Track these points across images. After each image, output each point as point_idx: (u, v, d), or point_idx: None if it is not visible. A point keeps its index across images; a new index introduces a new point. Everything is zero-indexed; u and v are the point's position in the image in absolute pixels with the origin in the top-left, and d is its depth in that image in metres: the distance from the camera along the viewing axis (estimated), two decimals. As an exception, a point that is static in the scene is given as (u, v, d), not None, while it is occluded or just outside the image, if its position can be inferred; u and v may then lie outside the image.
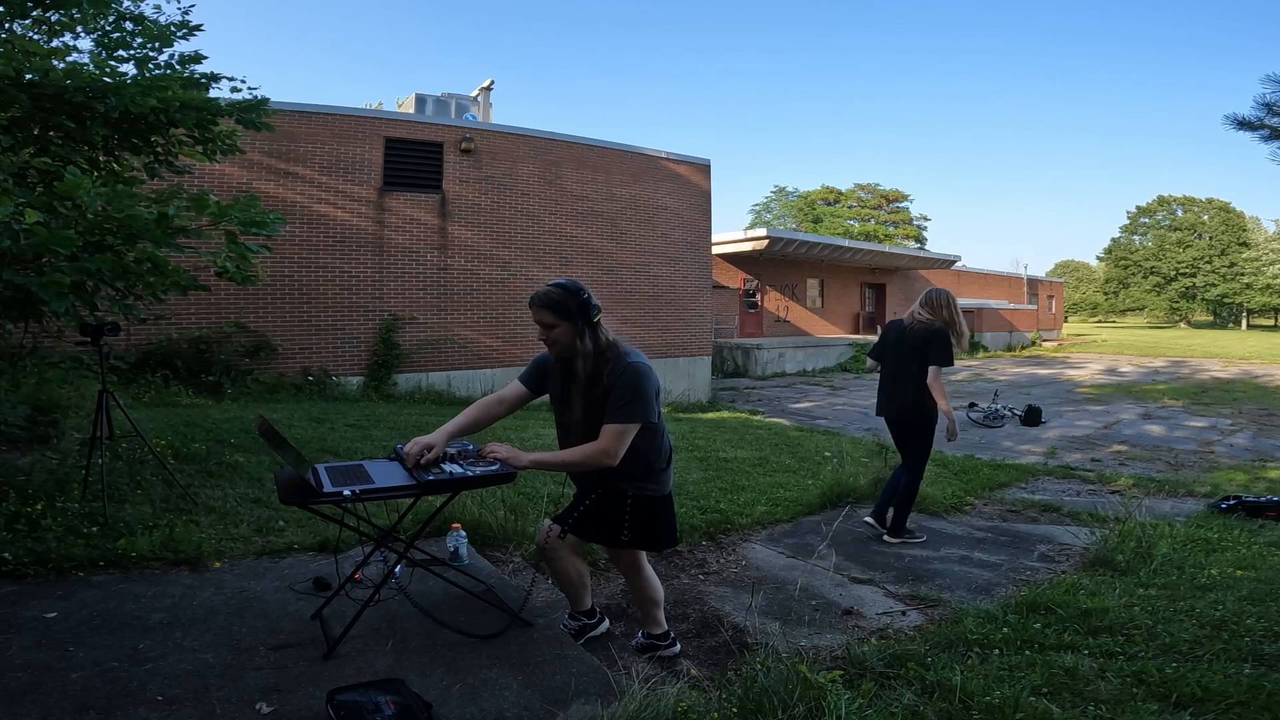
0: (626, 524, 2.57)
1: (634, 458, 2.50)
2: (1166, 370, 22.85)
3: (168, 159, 4.67)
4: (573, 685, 2.36)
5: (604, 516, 2.58)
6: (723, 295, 21.07)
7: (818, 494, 5.37)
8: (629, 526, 2.57)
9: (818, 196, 60.48)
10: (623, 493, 2.56)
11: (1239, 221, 61.09)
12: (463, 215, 11.93)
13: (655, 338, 14.06)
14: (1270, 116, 3.92)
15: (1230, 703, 2.31)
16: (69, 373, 5.63)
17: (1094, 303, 76.56)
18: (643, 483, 2.57)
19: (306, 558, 3.43)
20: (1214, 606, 3.17)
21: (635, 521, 2.57)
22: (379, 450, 5.73)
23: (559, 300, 2.44)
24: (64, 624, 2.59)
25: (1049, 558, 4.42)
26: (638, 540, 2.61)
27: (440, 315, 11.70)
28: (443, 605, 2.87)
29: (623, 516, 2.56)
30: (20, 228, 2.80)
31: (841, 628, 3.25)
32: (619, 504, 2.56)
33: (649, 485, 2.59)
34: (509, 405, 2.70)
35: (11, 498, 3.51)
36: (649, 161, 14.26)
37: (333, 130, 10.84)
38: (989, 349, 30.24)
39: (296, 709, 2.14)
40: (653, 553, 3.21)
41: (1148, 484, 7.20)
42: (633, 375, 2.45)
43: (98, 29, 4.49)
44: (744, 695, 2.19)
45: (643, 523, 2.59)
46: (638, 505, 2.57)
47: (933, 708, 2.27)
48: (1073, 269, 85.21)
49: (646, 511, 2.59)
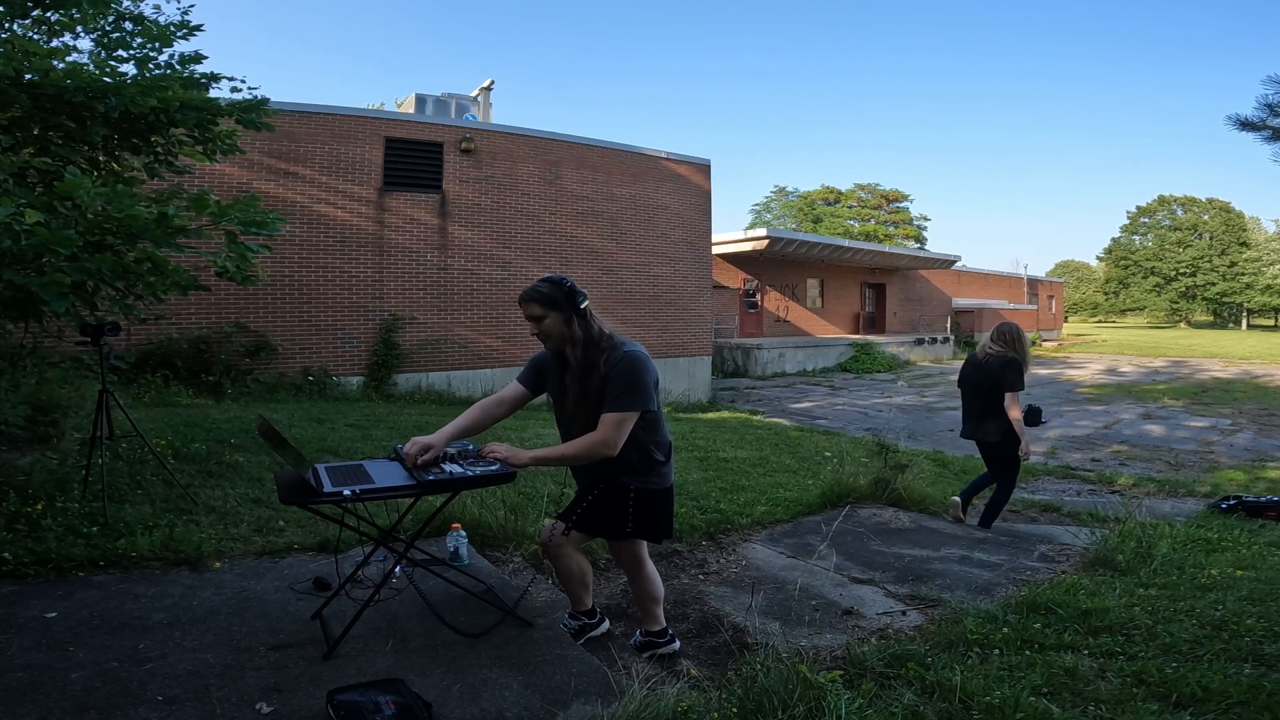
0: (630, 517, 2.59)
1: (634, 450, 2.52)
2: (1166, 370, 22.85)
3: (168, 159, 4.66)
4: (573, 685, 2.36)
5: (607, 511, 2.60)
6: (723, 295, 21.06)
7: (818, 494, 5.37)
8: (632, 519, 2.60)
9: (818, 196, 60.46)
10: (625, 487, 2.58)
11: (1239, 221, 61.06)
12: (463, 215, 11.93)
13: (655, 338, 14.06)
14: (1272, 117, 3.91)
15: (1230, 703, 2.31)
16: (69, 373, 5.63)
17: (1094, 303, 76.54)
18: (644, 476, 2.59)
19: (306, 558, 3.43)
20: (1214, 606, 3.17)
21: (638, 514, 2.60)
22: (379, 450, 5.73)
23: (544, 291, 2.50)
24: (64, 624, 2.59)
25: (1049, 558, 4.42)
26: (641, 531, 2.64)
27: (440, 315, 11.70)
28: (443, 605, 2.87)
29: (626, 510, 2.59)
30: (20, 228, 2.80)
31: (841, 628, 3.25)
32: (622, 499, 2.58)
33: (651, 478, 2.61)
34: (508, 406, 2.71)
35: (11, 498, 3.51)
36: (649, 161, 14.26)
37: (333, 130, 10.84)
38: (989, 349, 30.17)
39: (296, 709, 2.14)
40: (653, 545, 3.21)
41: (1148, 484, 7.21)
42: (629, 363, 2.47)
43: (97, 29, 4.48)
44: (744, 695, 2.19)
45: (645, 515, 2.62)
46: (640, 498, 2.60)
47: (933, 708, 2.27)
48: (1073, 269, 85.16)
49: (649, 504, 2.62)
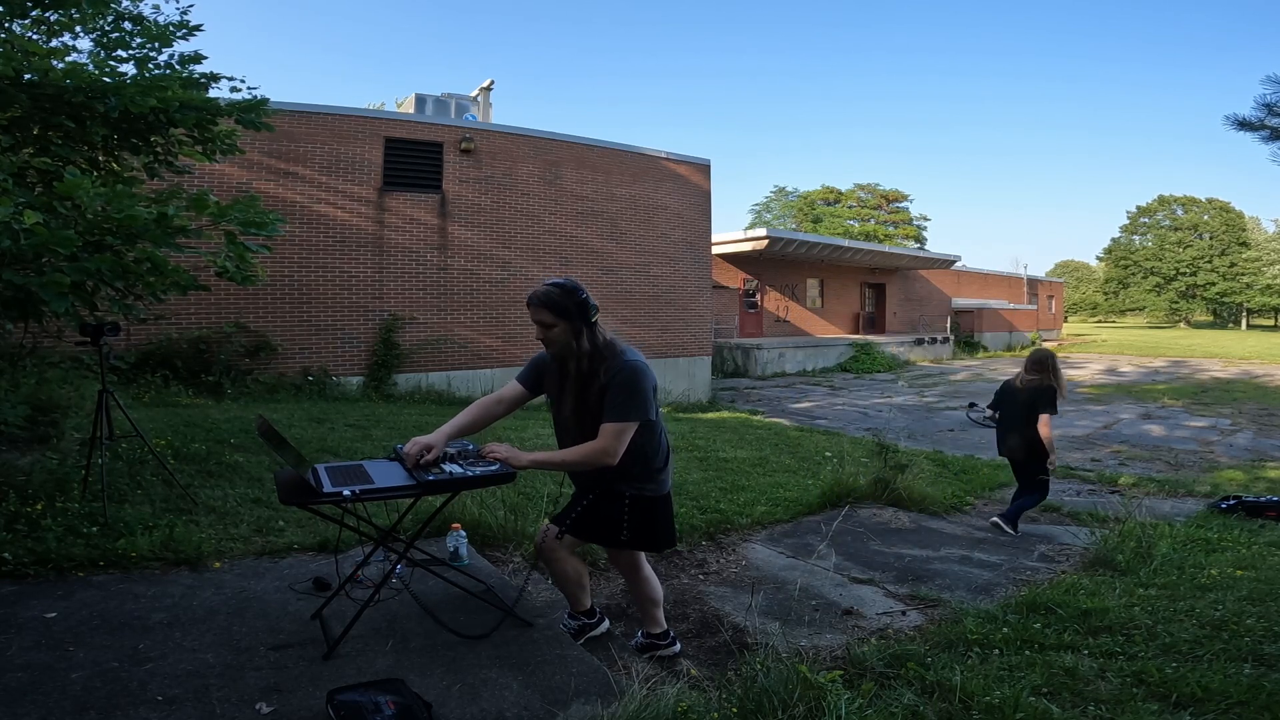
0: (625, 524, 2.56)
1: (632, 457, 2.49)
2: (1166, 370, 22.85)
3: (167, 159, 4.66)
4: (573, 685, 2.36)
5: (602, 517, 2.58)
6: (723, 295, 21.06)
7: (818, 494, 5.37)
8: (628, 526, 2.57)
9: (818, 196, 60.47)
10: (620, 493, 2.56)
11: (1239, 221, 61.06)
12: (463, 215, 11.93)
13: (655, 338, 14.06)
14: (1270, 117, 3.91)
15: (1230, 703, 2.31)
16: (69, 373, 5.63)
17: (1094, 303, 76.54)
18: (641, 483, 2.57)
19: (306, 558, 3.43)
20: (1214, 606, 3.17)
21: (634, 521, 2.57)
22: (379, 450, 5.73)
23: (557, 299, 2.44)
24: (64, 624, 2.59)
25: (1049, 558, 4.43)
26: (636, 541, 2.61)
27: (440, 315, 11.70)
28: (443, 605, 2.87)
29: (621, 517, 2.56)
30: (20, 228, 2.80)
31: (841, 628, 3.25)
32: (617, 504, 2.56)
33: (647, 485, 2.58)
34: (507, 405, 2.71)
35: (11, 498, 3.51)
36: (649, 161, 14.25)
37: (333, 130, 10.84)
38: (989, 349, 30.23)
39: (296, 709, 2.14)
40: (652, 553, 3.21)
41: (1148, 484, 7.21)
42: (630, 374, 2.45)
43: (96, 29, 4.48)
44: (744, 695, 2.19)
45: (641, 523, 2.58)
46: (636, 505, 2.57)
47: (933, 708, 2.27)
48: (1073, 269, 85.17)
49: (645, 511, 2.59)
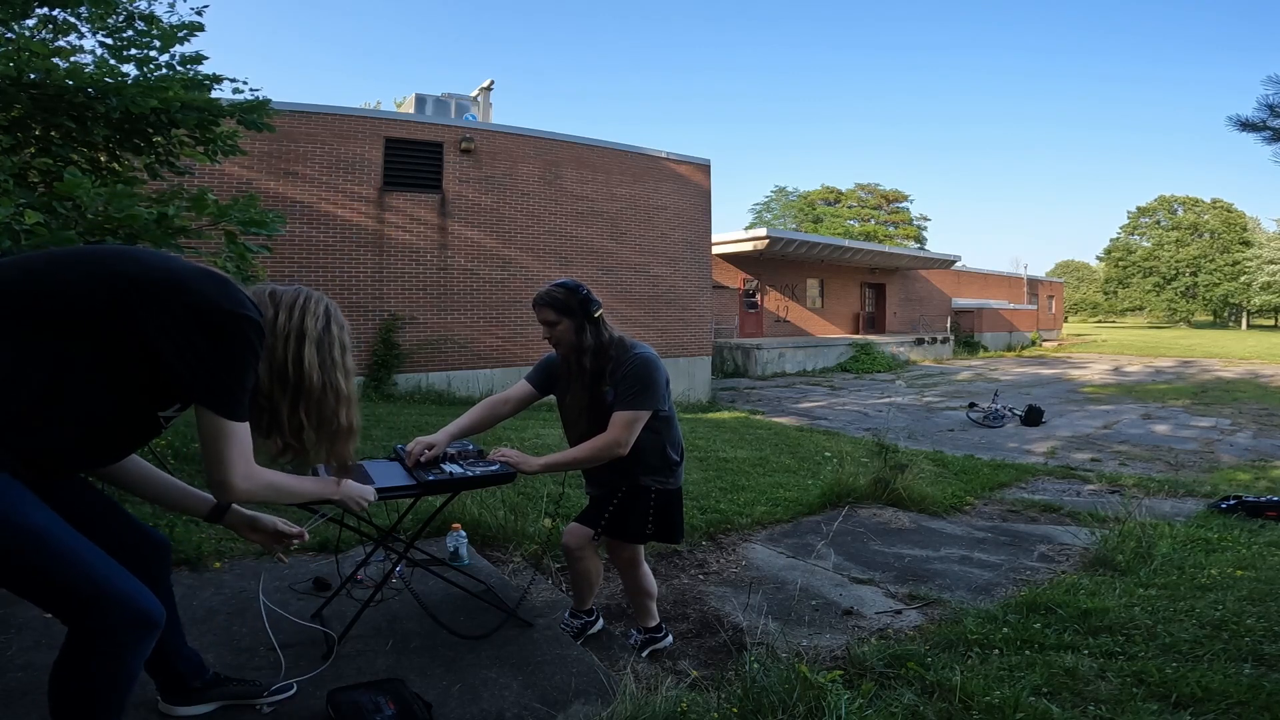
0: (650, 518, 2.64)
1: (652, 451, 2.58)
2: (1168, 370, 22.85)
3: (169, 159, 4.66)
4: (573, 685, 2.36)
5: (631, 513, 2.63)
6: (723, 295, 21.07)
7: (818, 494, 5.37)
8: (653, 520, 2.64)
9: (818, 196, 60.45)
10: (647, 489, 2.62)
11: (1240, 221, 61.03)
12: (463, 215, 11.93)
13: (655, 338, 14.06)
14: (1273, 118, 3.90)
15: (1230, 703, 2.31)
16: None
17: (1094, 303, 76.54)
18: (664, 477, 2.65)
19: (306, 558, 3.43)
20: (1214, 606, 3.17)
21: (658, 515, 2.65)
22: (379, 450, 5.73)
23: (559, 298, 2.53)
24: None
25: (1049, 558, 4.42)
26: (659, 533, 2.69)
27: (440, 315, 11.70)
28: (443, 605, 2.87)
29: (647, 511, 2.63)
30: (21, 228, 2.81)
31: (841, 628, 3.25)
32: (644, 499, 2.62)
33: (670, 480, 2.67)
34: (514, 405, 2.74)
35: (12, 498, 3.50)
36: (649, 161, 14.26)
37: (333, 130, 10.84)
38: (989, 349, 30.23)
39: (296, 709, 2.14)
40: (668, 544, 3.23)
41: (1148, 484, 7.20)
42: (641, 364, 2.52)
43: (106, 28, 4.48)
44: (744, 695, 2.19)
45: (663, 516, 2.66)
46: (660, 499, 2.64)
47: (933, 708, 2.27)
48: (1073, 269, 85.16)
49: (667, 505, 2.67)
